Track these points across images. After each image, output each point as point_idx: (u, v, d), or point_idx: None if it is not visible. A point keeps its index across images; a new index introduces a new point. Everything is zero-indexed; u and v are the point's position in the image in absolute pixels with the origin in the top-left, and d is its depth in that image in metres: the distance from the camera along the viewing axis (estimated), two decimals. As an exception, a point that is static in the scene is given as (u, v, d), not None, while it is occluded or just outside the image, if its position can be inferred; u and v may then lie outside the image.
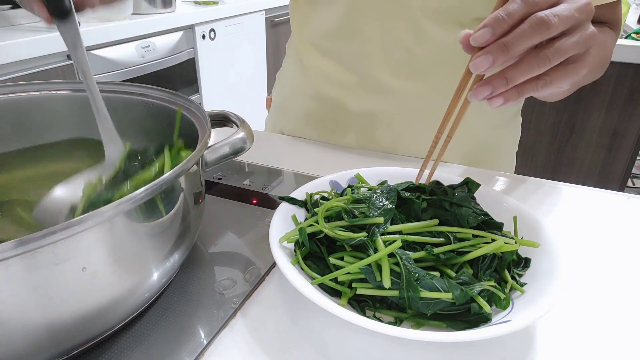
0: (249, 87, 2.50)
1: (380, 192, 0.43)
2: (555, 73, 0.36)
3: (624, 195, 0.58)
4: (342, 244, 0.39)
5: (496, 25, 0.34)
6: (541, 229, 0.42)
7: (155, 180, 0.30)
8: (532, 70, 0.35)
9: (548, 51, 0.35)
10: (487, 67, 0.35)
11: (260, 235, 0.48)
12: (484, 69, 0.35)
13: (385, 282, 0.35)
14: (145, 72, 1.74)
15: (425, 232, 0.40)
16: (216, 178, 0.60)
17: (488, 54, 0.34)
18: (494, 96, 0.36)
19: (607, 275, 0.45)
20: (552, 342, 0.37)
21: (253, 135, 0.43)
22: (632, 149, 1.60)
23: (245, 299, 0.40)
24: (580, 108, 1.59)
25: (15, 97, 0.47)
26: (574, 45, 0.35)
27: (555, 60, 0.35)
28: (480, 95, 0.36)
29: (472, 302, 0.35)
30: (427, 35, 0.60)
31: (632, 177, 2.43)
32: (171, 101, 0.46)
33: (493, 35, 0.34)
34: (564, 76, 0.36)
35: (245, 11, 2.27)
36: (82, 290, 0.29)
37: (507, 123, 0.72)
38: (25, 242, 0.24)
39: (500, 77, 0.35)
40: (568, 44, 0.35)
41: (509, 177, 0.63)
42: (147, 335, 0.35)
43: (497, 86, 0.36)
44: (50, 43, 1.36)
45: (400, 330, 0.32)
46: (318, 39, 0.69)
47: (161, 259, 0.35)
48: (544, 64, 0.35)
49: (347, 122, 0.70)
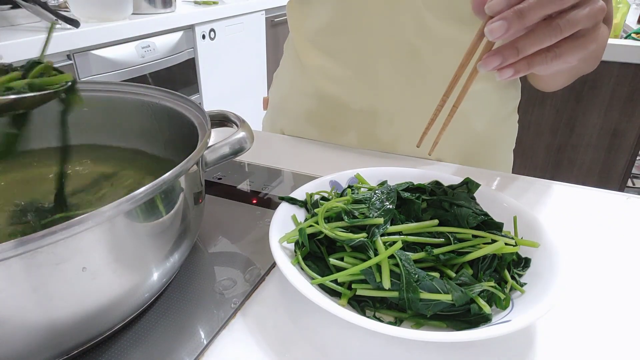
0: (249, 87, 2.50)
1: (380, 193, 0.43)
2: (564, 45, 0.36)
3: (624, 195, 0.58)
4: (342, 245, 0.39)
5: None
6: (541, 229, 0.42)
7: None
8: (543, 41, 0.35)
9: (560, 21, 0.35)
10: (502, 34, 0.35)
11: (260, 235, 0.48)
12: (499, 35, 0.35)
13: (385, 284, 0.35)
14: (145, 72, 1.74)
15: (425, 232, 0.40)
16: (216, 178, 0.60)
17: (503, 19, 0.35)
18: (503, 67, 0.36)
19: (607, 275, 0.45)
20: (552, 342, 0.37)
21: (253, 135, 0.43)
22: (632, 149, 1.60)
23: (245, 299, 0.40)
24: (580, 108, 1.59)
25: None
26: (585, 17, 0.35)
27: (566, 32, 0.35)
28: (490, 65, 0.37)
29: (472, 303, 0.35)
30: (429, 29, 0.60)
31: (632, 177, 2.43)
32: (171, 101, 0.46)
33: (508, 4, 0.35)
34: (573, 48, 0.37)
35: (245, 11, 2.27)
36: (82, 290, 0.29)
37: (505, 119, 0.72)
38: (25, 242, 0.24)
39: (510, 47, 0.36)
40: (579, 16, 0.35)
41: (508, 177, 0.63)
42: (147, 335, 0.35)
43: (507, 56, 0.36)
44: (50, 43, 1.36)
45: (400, 330, 0.32)
46: (316, 36, 0.68)
47: (161, 259, 0.35)
48: (556, 34, 0.35)
49: (347, 120, 0.70)
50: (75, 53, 1.46)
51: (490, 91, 0.68)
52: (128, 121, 0.49)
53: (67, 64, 1.44)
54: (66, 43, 1.41)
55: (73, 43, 1.43)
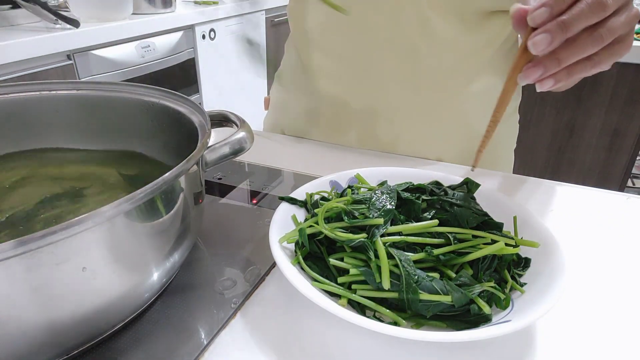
0: (249, 87, 2.50)
1: (380, 193, 0.43)
2: (603, 53, 0.36)
3: (624, 195, 0.58)
4: (342, 245, 0.39)
5: (555, 5, 0.35)
6: (541, 229, 0.42)
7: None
8: (586, 50, 0.35)
9: (602, 30, 0.35)
10: (546, 47, 0.35)
11: (260, 235, 0.48)
12: (543, 48, 0.35)
13: (385, 284, 0.35)
14: (145, 72, 1.74)
15: (425, 232, 0.40)
16: (216, 178, 0.60)
17: (547, 32, 0.34)
18: (544, 78, 0.36)
19: (607, 275, 0.45)
20: (552, 342, 0.37)
21: (253, 135, 0.43)
22: (632, 149, 1.60)
23: (245, 299, 0.40)
24: (580, 108, 1.59)
25: (15, 97, 0.47)
26: (623, 25, 0.36)
27: (607, 40, 0.35)
28: (531, 77, 0.36)
29: (472, 304, 0.35)
30: (432, 28, 0.60)
31: (632, 177, 2.43)
32: (171, 101, 0.46)
33: (550, 15, 0.35)
34: (610, 56, 0.37)
35: (245, 11, 2.27)
36: (82, 290, 0.29)
37: (505, 119, 0.72)
38: (25, 242, 0.24)
39: (552, 58, 0.35)
40: (618, 24, 0.35)
41: (508, 177, 0.63)
42: (147, 335, 0.35)
43: (549, 67, 0.36)
44: (50, 43, 1.36)
45: (400, 330, 0.32)
46: (317, 35, 0.68)
47: (161, 259, 0.35)
48: (598, 43, 0.35)
49: (348, 120, 0.70)
50: (75, 53, 1.46)
51: (490, 91, 0.68)
52: (128, 121, 0.49)
53: (67, 64, 1.44)
54: (66, 43, 1.41)
55: (73, 43, 1.43)
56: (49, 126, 0.49)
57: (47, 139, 0.49)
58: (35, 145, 0.49)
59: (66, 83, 0.49)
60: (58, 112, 0.49)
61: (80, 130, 0.50)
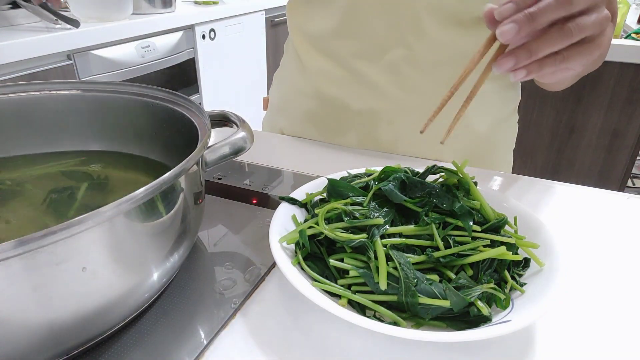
0: (249, 87, 2.50)
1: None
2: (573, 50, 0.38)
3: (624, 195, 0.58)
4: (342, 245, 0.39)
5: (520, 2, 0.37)
6: (541, 228, 0.42)
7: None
8: (555, 44, 0.37)
9: (571, 25, 0.37)
10: (513, 35, 0.36)
11: (260, 235, 0.48)
12: (510, 37, 0.37)
13: (382, 285, 0.35)
14: (145, 72, 1.74)
15: (425, 234, 0.40)
16: (216, 178, 0.60)
17: (514, 22, 0.36)
18: (517, 68, 0.38)
19: (607, 275, 0.45)
20: (552, 342, 0.37)
21: (253, 135, 0.43)
22: (632, 149, 1.59)
23: (245, 299, 0.40)
24: (580, 108, 1.59)
25: (15, 97, 0.47)
26: (592, 24, 0.37)
27: (576, 36, 0.37)
28: (504, 66, 0.38)
29: (471, 306, 0.35)
30: (429, 33, 0.61)
31: (632, 177, 2.43)
32: (171, 101, 0.46)
33: (517, 9, 0.37)
34: (580, 53, 0.39)
35: (245, 11, 2.27)
36: (82, 290, 0.29)
37: (505, 120, 0.73)
38: (25, 242, 0.24)
39: (524, 49, 0.37)
40: (588, 22, 0.37)
41: (508, 177, 0.63)
42: (147, 335, 0.35)
43: (521, 58, 0.38)
44: (50, 43, 1.36)
45: (400, 330, 0.32)
46: (317, 38, 0.69)
47: (161, 259, 0.35)
48: (567, 37, 0.37)
49: (347, 121, 0.70)
50: (75, 53, 1.46)
51: (490, 92, 0.68)
52: (128, 121, 0.49)
53: (67, 64, 1.44)
54: (66, 43, 1.41)
55: (73, 43, 1.43)
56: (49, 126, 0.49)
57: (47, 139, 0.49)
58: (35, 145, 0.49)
59: (66, 83, 0.49)
60: (58, 112, 0.49)
61: (80, 130, 0.50)
